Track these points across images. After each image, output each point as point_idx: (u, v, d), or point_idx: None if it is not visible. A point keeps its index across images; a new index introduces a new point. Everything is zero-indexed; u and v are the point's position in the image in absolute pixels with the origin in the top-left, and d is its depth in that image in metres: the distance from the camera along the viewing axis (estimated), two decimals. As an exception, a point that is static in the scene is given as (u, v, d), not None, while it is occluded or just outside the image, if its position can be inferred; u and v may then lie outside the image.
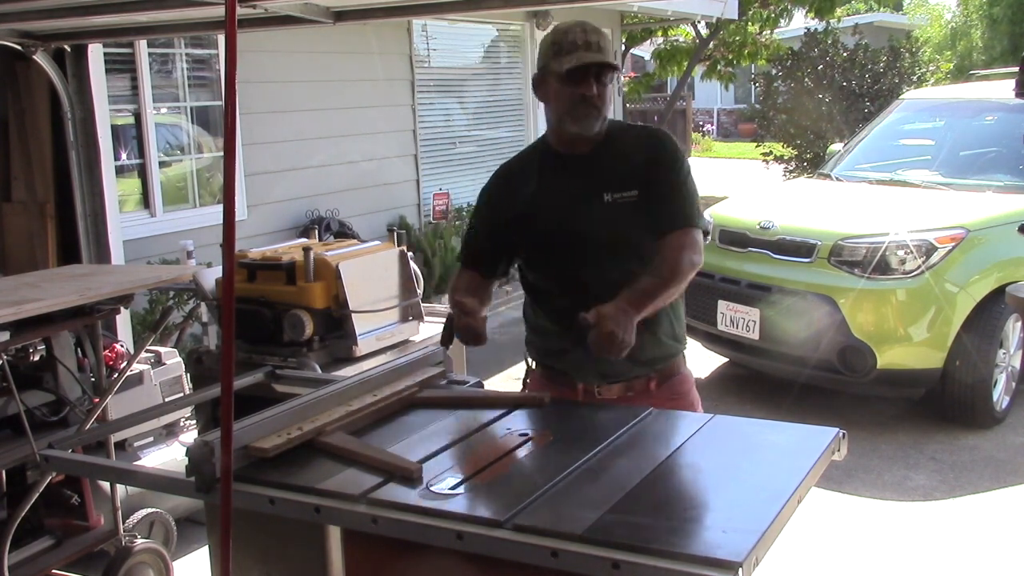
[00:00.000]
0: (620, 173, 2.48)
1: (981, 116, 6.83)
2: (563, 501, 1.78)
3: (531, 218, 2.52)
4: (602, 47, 2.42)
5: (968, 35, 22.65)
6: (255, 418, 2.10)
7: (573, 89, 2.42)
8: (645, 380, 2.55)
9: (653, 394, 2.55)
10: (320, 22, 3.40)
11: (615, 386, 2.54)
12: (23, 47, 4.01)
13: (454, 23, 9.40)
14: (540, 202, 2.52)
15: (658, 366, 2.57)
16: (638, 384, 2.55)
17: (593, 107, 2.43)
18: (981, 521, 4.23)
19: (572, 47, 2.40)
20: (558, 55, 2.42)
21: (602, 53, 2.41)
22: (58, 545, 3.40)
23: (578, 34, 2.41)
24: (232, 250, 1.71)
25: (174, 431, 4.19)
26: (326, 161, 7.86)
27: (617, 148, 2.53)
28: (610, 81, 2.46)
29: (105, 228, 4.42)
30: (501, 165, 2.73)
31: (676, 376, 2.63)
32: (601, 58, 2.40)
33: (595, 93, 2.42)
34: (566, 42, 2.41)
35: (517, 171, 2.64)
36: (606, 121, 2.50)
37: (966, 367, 5.12)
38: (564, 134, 2.52)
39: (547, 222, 2.50)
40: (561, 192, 2.51)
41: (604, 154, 2.52)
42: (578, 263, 2.48)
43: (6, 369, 3.00)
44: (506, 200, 2.60)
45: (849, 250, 5.25)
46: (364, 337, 3.49)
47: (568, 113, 2.46)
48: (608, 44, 2.45)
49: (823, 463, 1.96)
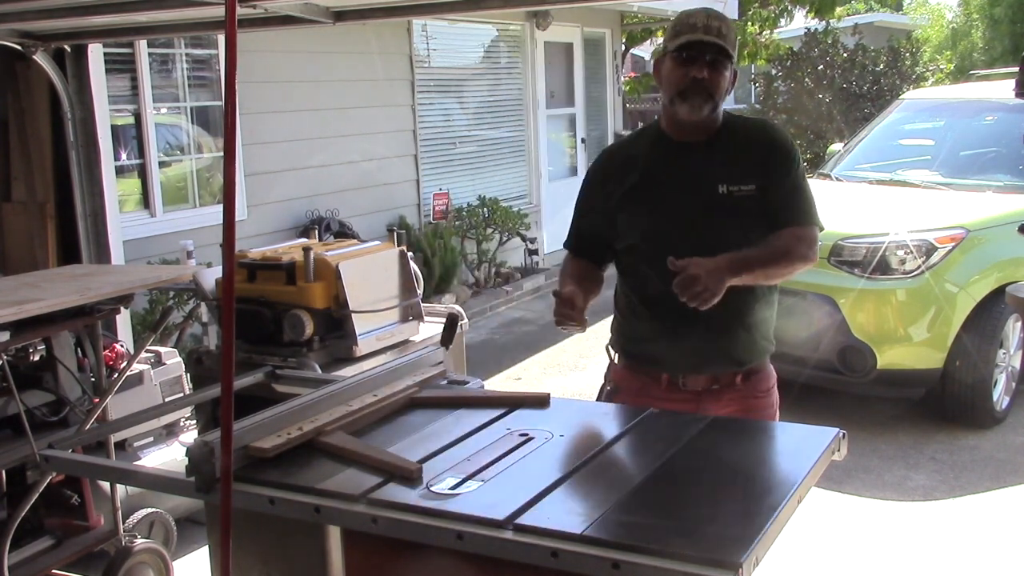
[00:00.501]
0: (737, 165, 2.43)
1: (981, 116, 6.83)
2: (563, 501, 1.78)
3: (638, 202, 2.47)
4: (723, 33, 2.36)
5: (969, 35, 22.66)
6: (255, 418, 2.10)
7: (685, 70, 2.38)
8: (732, 374, 2.52)
9: (738, 388, 2.52)
10: (320, 22, 3.40)
11: (702, 377, 2.50)
12: (23, 47, 4.01)
13: (454, 23, 9.39)
14: (649, 187, 2.47)
15: (748, 364, 2.54)
16: (725, 377, 2.51)
17: (704, 89, 2.37)
18: (981, 521, 4.22)
19: (691, 28, 2.37)
20: (675, 35, 2.39)
21: (720, 38, 2.35)
22: (58, 545, 3.40)
23: (700, 17, 2.38)
24: (232, 250, 1.71)
25: (174, 431, 4.19)
26: (326, 161, 7.86)
27: (734, 139, 2.47)
28: (726, 69, 2.39)
29: (105, 228, 4.42)
30: (607, 147, 2.71)
31: (762, 372, 2.60)
32: (715, 40, 2.34)
33: (706, 76, 2.36)
34: (686, 23, 2.38)
35: (625, 154, 2.59)
36: (718, 109, 2.44)
37: (966, 367, 5.11)
38: (674, 117, 2.46)
39: (656, 208, 2.45)
40: (672, 179, 2.47)
41: (720, 144, 2.47)
42: (683, 252, 2.35)
43: (6, 369, 3.00)
44: (613, 182, 2.54)
45: (849, 250, 5.25)
46: (364, 337, 3.49)
47: (678, 94, 2.40)
48: (731, 33, 2.39)
49: (823, 463, 1.96)
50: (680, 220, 2.44)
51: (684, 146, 2.48)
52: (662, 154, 2.51)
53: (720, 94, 2.41)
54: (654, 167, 2.50)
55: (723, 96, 2.42)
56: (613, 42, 12.41)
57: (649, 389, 2.53)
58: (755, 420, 2.38)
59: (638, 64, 23.98)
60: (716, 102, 2.41)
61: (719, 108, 2.45)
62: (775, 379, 2.67)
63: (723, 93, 2.41)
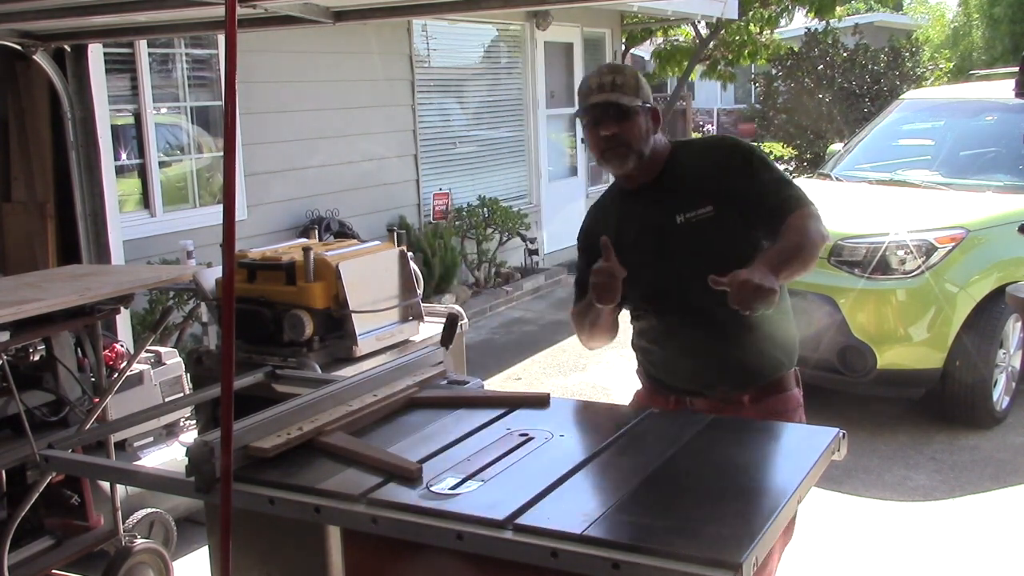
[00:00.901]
0: (690, 192, 2.45)
1: (981, 116, 6.83)
2: (563, 501, 1.78)
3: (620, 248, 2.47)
4: (618, 84, 2.40)
5: (969, 35, 22.65)
6: (255, 418, 2.10)
7: (595, 132, 2.43)
8: (738, 394, 2.49)
9: (747, 408, 2.48)
10: (320, 22, 3.40)
11: (703, 399, 2.50)
12: (23, 47, 4.01)
13: (454, 23, 9.39)
14: (620, 236, 2.49)
15: (755, 383, 2.50)
16: (730, 397, 2.49)
17: (620, 145, 2.41)
18: (981, 521, 4.22)
19: (587, 93, 2.43)
20: (579, 103, 2.46)
21: (616, 91, 2.39)
22: (58, 545, 3.40)
23: (593, 79, 2.44)
24: (232, 250, 1.71)
25: (174, 431, 4.19)
26: (326, 161, 7.86)
27: (682, 168, 2.50)
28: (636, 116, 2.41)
29: (105, 228, 4.42)
30: (592, 204, 2.77)
31: (778, 395, 2.54)
32: (606, 98, 2.39)
33: (614, 132, 2.40)
34: (583, 90, 2.45)
35: (602, 207, 2.69)
36: (645, 155, 2.45)
37: (966, 367, 5.11)
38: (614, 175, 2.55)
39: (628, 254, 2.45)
40: (635, 223, 2.52)
41: (670, 177, 2.50)
42: (662, 287, 2.48)
43: (6, 369, 3.00)
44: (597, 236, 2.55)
45: (849, 250, 5.25)
46: (364, 337, 3.49)
47: (600, 157, 2.48)
48: (628, 80, 2.42)
49: (823, 463, 1.96)
50: (652, 261, 2.48)
51: (639, 192, 2.53)
52: (624, 204, 2.58)
53: (639, 141, 2.43)
54: (620, 219, 2.57)
55: (645, 141, 2.44)
56: (613, 42, 12.41)
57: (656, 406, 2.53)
58: (755, 420, 2.38)
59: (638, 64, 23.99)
60: (639, 150, 2.44)
61: (646, 152, 2.45)
62: (798, 402, 2.59)
63: (642, 138, 2.43)
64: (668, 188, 2.49)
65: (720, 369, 2.47)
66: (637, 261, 2.45)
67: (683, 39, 15.95)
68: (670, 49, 15.41)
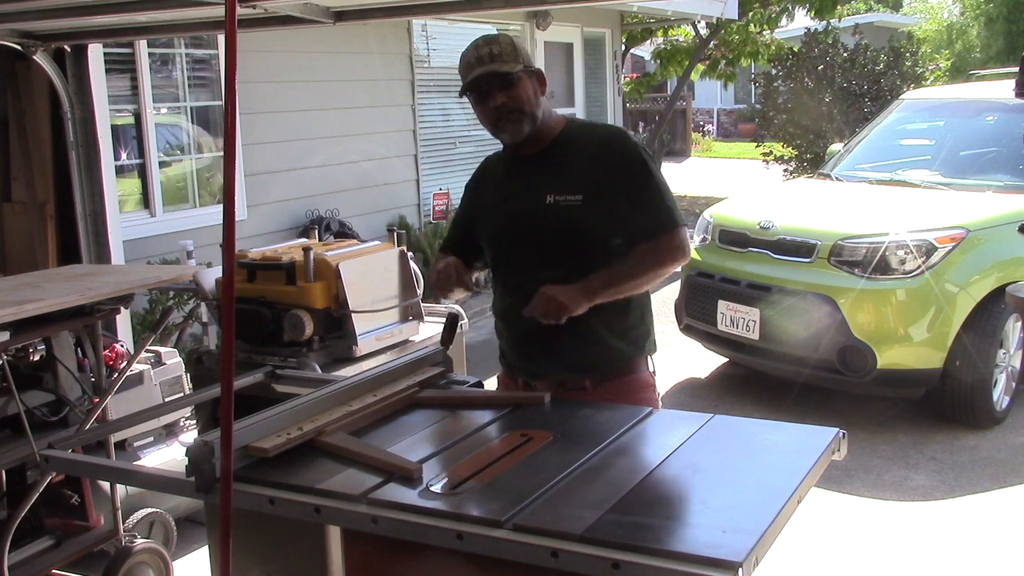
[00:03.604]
0: (566, 175, 2.46)
1: (981, 116, 6.83)
2: (563, 501, 1.78)
3: (488, 215, 2.59)
4: (494, 55, 2.40)
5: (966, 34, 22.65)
6: (255, 418, 2.10)
7: (483, 107, 2.46)
8: (579, 380, 2.51)
9: (588, 391, 2.51)
10: (320, 22, 3.40)
11: (548, 381, 2.51)
12: (23, 47, 4.01)
13: (454, 23, 9.40)
14: (496, 200, 2.57)
15: (592, 370, 2.51)
16: (571, 382, 2.52)
17: (510, 112, 2.43)
18: (981, 521, 4.22)
19: (467, 68, 2.44)
20: (463, 79, 2.46)
21: (493, 62, 2.39)
22: (58, 545, 3.40)
23: (469, 53, 2.44)
24: (232, 250, 1.71)
25: (174, 431, 4.19)
26: (326, 161, 7.86)
27: (568, 149, 2.51)
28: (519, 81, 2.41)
29: (105, 228, 4.42)
30: (487, 158, 2.77)
31: (622, 378, 2.54)
32: (486, 69, 2.39)
33: (502, 101, 2.41)
34: (462, 65, 2.46)
35: (491, 166, 2.70)
36: (538, 119, 2.46)
37: (966, 367, 5.11)
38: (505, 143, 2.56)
39: (494, 221, 2.56)
40: (508, 192, 2.56)
41: (552, 155, 2.51)
42: (517, 264, 2.52)
43: (6, 369, 3.00)
44: (477, 194, 2.68)
45: (849, 250, 5.25)
46: (364, 337, 3.49)
47: (493, 128, 2.49)
48: (504, 49, 2.42)
49: (823, 463, 1.96)
50: (515, 230, 2.52)
51: (522, 159, 2.54)
52: (506, 167, 2.61)
53: (530, 104, 2.43)
54: (501, 181, 2.61)
55: (536, 103, 2.45)
56: (613, 42, 12.41)
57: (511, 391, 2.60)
58: (755, 420, 2.38)
59: (638, 64, 24.00)
60: (531, 113, 2.44)
61: (539, 115, 2.46)
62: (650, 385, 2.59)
63: (532, 101, 2.44)
64: (548, 165, 2.50)
65: (560, 356, 2.49)
66: (499, 229, 2.54)
67: (683, 39, 15.96)
68: (670, 49, 15.42)
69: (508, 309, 2.56)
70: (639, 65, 24.02)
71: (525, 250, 2.50)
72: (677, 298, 6.18)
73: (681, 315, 6.12)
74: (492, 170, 2.68)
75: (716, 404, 5.65)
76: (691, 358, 6.52)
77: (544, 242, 2.46)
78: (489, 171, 2.70)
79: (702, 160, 21.56)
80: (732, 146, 24.00)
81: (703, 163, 20.71)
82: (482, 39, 2.47)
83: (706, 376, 6.40)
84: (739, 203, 6.65)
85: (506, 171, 2.61)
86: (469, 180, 2.76)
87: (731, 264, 5.80)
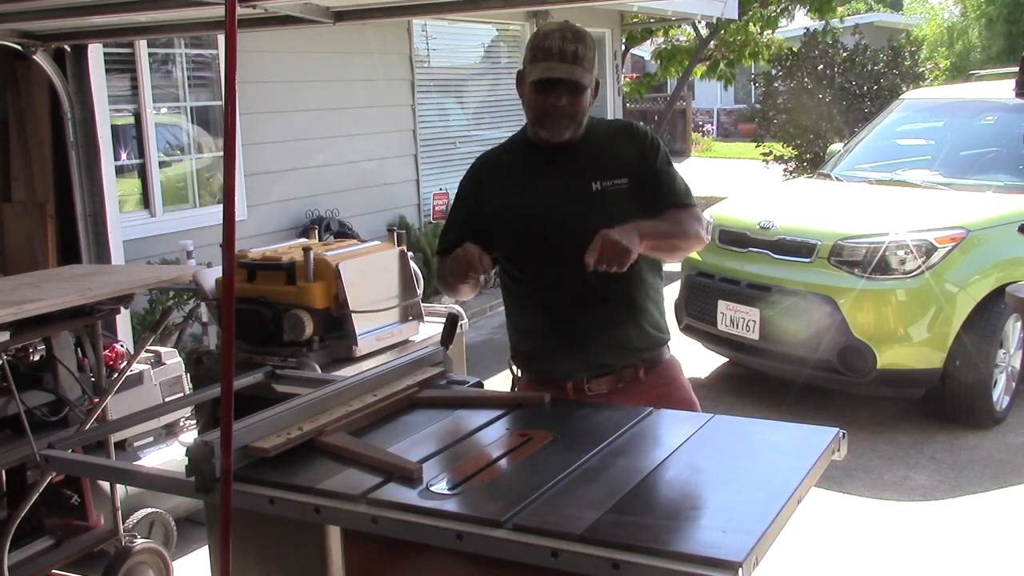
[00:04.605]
0: (607, 162, 2.48)
1: (981, 116, 6.83)
2: (563, 501, 1.78)
3: (518, 212, 2.52)
4: (579, 57, 2.35)
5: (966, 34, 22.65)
6: (255, 418, 2.10)
7: (544, 98, 2.40)
8: (634, 369, 2.55)
9: (643, 382, 2.55)
10: (320, 22, 3.40)
11: (604, 379, 2.53)
12: (23, 47, 4.01)
13: (454, 23, 9.40)
14: (527, 195, 2.52)
15: (645, 355, 2.57)
16: (627, 374, 2.54)
17: (564, 116, 2.41)
18: (981, 521, 4.22)
19: (546, 55, 2.35)
20: (533, 61, 2.39)
21: (577, 64, 2.34)
22: (58, 545, 3.40)
23: (555, 40, 2.35)
24: (232, 250, 1.71)
25: (174, 431, 4.19)
26: (326, 161, 7.86)
27: (599, 139, 2.52)
28: (585, 90, 2.40)
29: (105, 228, 4.42)
30: (481, 156, 2.72)
31: (663, 363, 2.63)
32: (568, 75, 2.35)
33: (564, 103, 2.38)
34: (542, 48, 2.36)
35: (501, 163, 2.63)
36: (581, 127, 2.46)
37: (966, 367, 5.11)
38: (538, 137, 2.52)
39: (536, 215, 2.49)
40: (550, 181, 2.50)
41: (588, 145, 2.50)
42: (568, 254, 2.42)
43: (6, 369, 3.00)
44: (490, 192, 2.59)
45: (849, 250, 5.25)
46: (364, 337, 3.49)
47: (538, 120, 2.45)
48: (588, 53, 2.38)
49: (823, 463, 1.96)
50: (558, 221, 2.47)
51: (553, 151, 2.50)
52: (535, 160, 2.54)
53: (582, 114, 2.44)
54: (529, 174, 2.54)
55: (586, 113, 2.46)
56: (613, 42, 12.41)
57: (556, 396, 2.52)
58: (755, 420, 2.38)
59: (638, 64, 24.01)
60: (579, 122, 2.44)
61: (583, 125, 2.47)
62: (679, 367, 2.70)
63: (585, 112, 2.45)
64: (586, 154, 2.49)
65: (615, 338, 2.50)
66: (544, 222, 2.48)
67: (683, 39, 15.96)
68: (670, 49, 15.43)
69: (556, 304, 2.51)
70: (639, 65, 24.02)
71: (570, 241, 2.39)
72: (677, 298, 6.18)
73: (681, 315, 6.11)
74: (500, 167, 2.61)
75: (716, 404, 5.65)
76: (691, 358, 6.52)
77: (592, 229, 2.37)
78: (496, 169, 2.62)
79: (702, 160, 21.57)
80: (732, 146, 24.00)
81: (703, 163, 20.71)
82: (570, 30, 2.37)
83: (706, 376, 6.40)
84: (739, 203, 6.65)
85: (527, 165, 2.54)
86: (465, 182, 2.69)
87: (731, 264, 5.80)
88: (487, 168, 2.66)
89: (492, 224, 2.56)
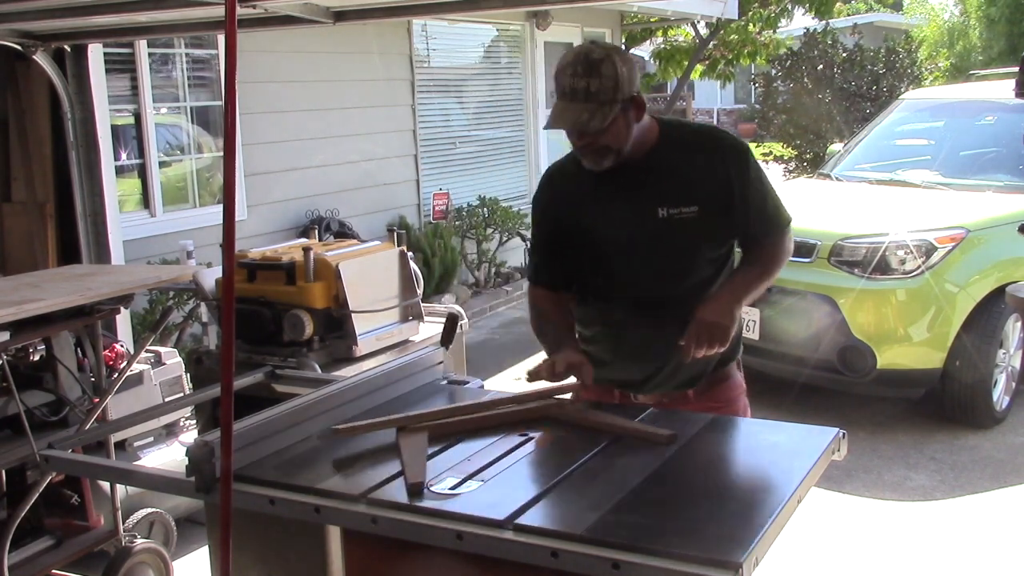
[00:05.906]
0: (676, 186, 2.33)
1: (981, 116, 6.83)
2: (563, 501, 1.78)
3: (590, 227, 2.41)
4: (591, 93, 2.16)
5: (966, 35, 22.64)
6: (255, 418, 2.10)
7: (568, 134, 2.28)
8: (683, 392, 2.49)
9: (691, 401, 2.48)
10: (320, 22, 3.40)
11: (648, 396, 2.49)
12: (23, 47, 4.01)
13: (454, 23, 9.39)
14: (595, 212, 2.39)
15: (701, 379, 2.48)
16: (675, 393, 2.48)
17: (593, 153, 2.28)
18: (981, 521, 4.22)
19: (560, 93, 2.22)
20: (555, 95, 2.27)
21: (590, 102, 2.17)
22: (58, 545, 3.40)
23: (566, 78, 2.19)
24: (232, 250, 1.71)
25: (174, 431, 4.19)
26: (326, 161, 7.85)
27: (672, 157, 2.36)
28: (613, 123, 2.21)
29: (105, 228, 4.42)
30: (551, 169, 2.56)
31: (721, 385, 2.53)
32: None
33: (589, 142, 2.25)
34: (557, 85, 2.23)
35: (571, 174, 2.45)
36: (625, 150, 2.29)
37: (966, 367, 5.11)
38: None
39: (602, 234, 2.38)
40: (613, 204, 2.37)
41: (658, 162, 2.35)
42: (629, 280, 2.39)
43: (6, 369, 2.99)
44: (565, 207, 2.46)
45: (849, 250, 5.25)
46: (364, 337, 3.49)
47: (577, 151, 2.33)
48: (605, 83, 2.17)
49: (823, 463, 1.96)
50: (624, 245, 2.38)
51: (618, 171, 2.34)
52: (600, 181, 2.38)
53: (618, 142, 2.26)
54: (597, 190, 2.39)
55: (626, 137, 2.27)
56: (613, 42, 12.39)
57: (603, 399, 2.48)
58: (755, 420, 2.38)
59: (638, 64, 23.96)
60: (618, 149, 2.28)
61: (627, 148, 2.29)
62: (742, 387, 2.60)
63: (623, 137, 2.26)
64: (654, 175, 2.34)
65: (669, 368, 2.44)
66: (609, 242, 2.39)
67: (683, 39, 15.95)
68: (670, 49, 15.41)
69: (619, 323, 2.42)
70: (639, 65, 24.00)
71: (638, 266, 2.36)
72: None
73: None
74: (574, 182, 2.44)
75: (716, 404, 5.64)
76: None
77: (658, 257, 2.33)
78: (569, 184, 2.46)
79: (702, 160, 21.52)
80: (732, 146, 23.87)
81: (703, 163, 20.67)
82: (582, 63, 2.17)
83: (706, 376, 6.39)
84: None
85: (602, 186, 2.37)
86: (540, 198, 2.52)
87: (731, 264, 5.79)
88: (559, 183, 2.51)
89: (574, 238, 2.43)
